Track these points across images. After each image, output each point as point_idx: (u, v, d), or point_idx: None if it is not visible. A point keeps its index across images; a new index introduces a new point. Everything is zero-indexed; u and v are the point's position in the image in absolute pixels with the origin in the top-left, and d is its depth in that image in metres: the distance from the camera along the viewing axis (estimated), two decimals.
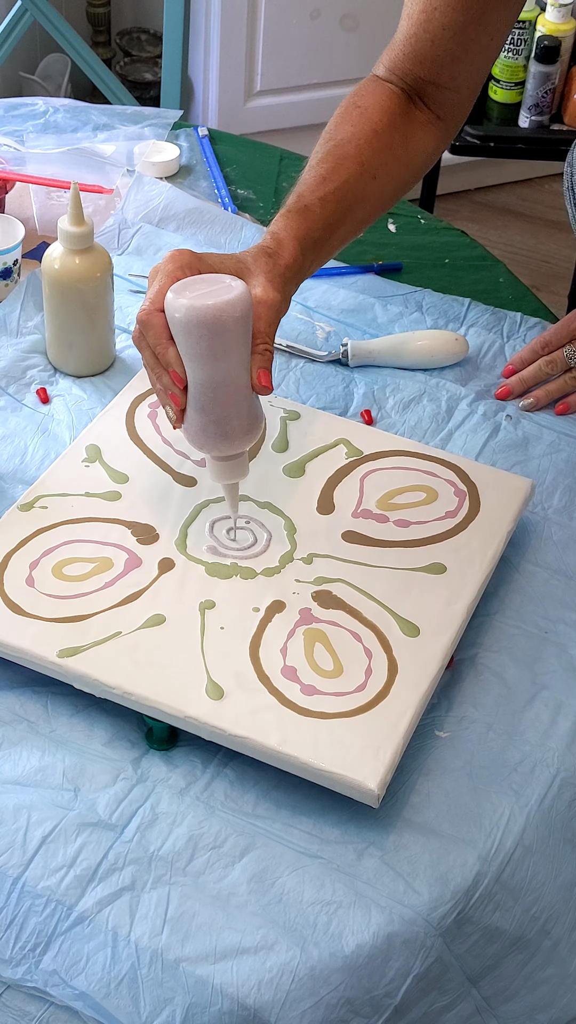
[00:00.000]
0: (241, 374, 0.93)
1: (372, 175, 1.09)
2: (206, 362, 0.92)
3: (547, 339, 1.18)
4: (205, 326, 0.91)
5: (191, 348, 0.92)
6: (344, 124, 1.10)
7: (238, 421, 0.94)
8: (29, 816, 0.85)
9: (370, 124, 1.10)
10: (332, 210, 1.05)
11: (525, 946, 0.86)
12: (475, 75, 1.13)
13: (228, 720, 0.87)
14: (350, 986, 0.80)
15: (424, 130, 1.14)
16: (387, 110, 1.11)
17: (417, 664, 0.92)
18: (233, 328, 0.91)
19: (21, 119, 1.49)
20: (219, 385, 0.93)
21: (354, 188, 1.07)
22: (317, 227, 1.04)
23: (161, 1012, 0.79)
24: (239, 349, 0.92)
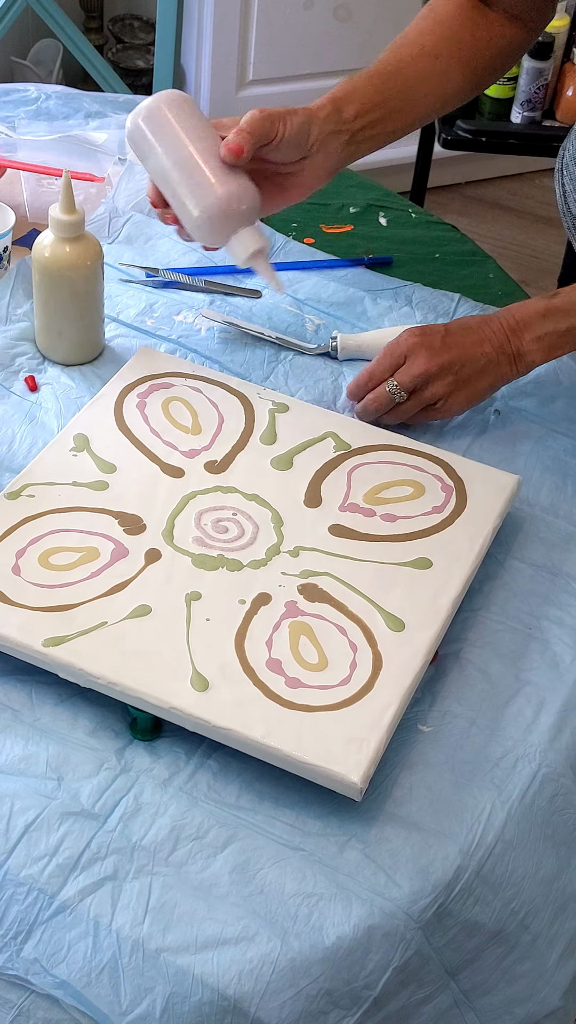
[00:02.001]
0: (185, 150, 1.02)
1: (434, 56, 1.13)
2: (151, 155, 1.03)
3: (371, 370, 1.12)
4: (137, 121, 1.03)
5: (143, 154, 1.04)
6: (412, 24, 1.16)
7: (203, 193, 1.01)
8: (12, 804, 0.85)
9: (435, 16, 1.16)
10: (381, 81, 1.11)
11: (504, 940, 0.87)
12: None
13: (212, 711, 0.87)
14: (330, 978, 0.81)
15: (500, 27, 1.18)
16: (457, 3, 1.16)
17: (401, 658, 0.92)
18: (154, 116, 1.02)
19: (12, 105, 1.48)
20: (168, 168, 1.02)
21: (411, 66, 1.12)
22: (361, 89, 1.09)
23: (141, 1001, 0.79)
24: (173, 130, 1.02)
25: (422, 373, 1.10)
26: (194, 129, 1.03)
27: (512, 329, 1.12)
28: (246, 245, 1.02)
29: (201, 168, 1.02)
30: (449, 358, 1.11)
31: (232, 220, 1.02)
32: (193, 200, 1.02)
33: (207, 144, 1.02)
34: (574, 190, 1.22)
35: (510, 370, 1.13)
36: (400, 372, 1.11)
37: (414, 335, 1.11)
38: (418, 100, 1.14)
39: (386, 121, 1.12)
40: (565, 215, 1.25)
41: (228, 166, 1.02)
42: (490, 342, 1.12)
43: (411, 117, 1.15)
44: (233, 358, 1.20)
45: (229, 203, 1.01)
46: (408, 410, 1.12)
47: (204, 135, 1.03)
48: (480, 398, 1.13)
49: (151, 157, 1.03)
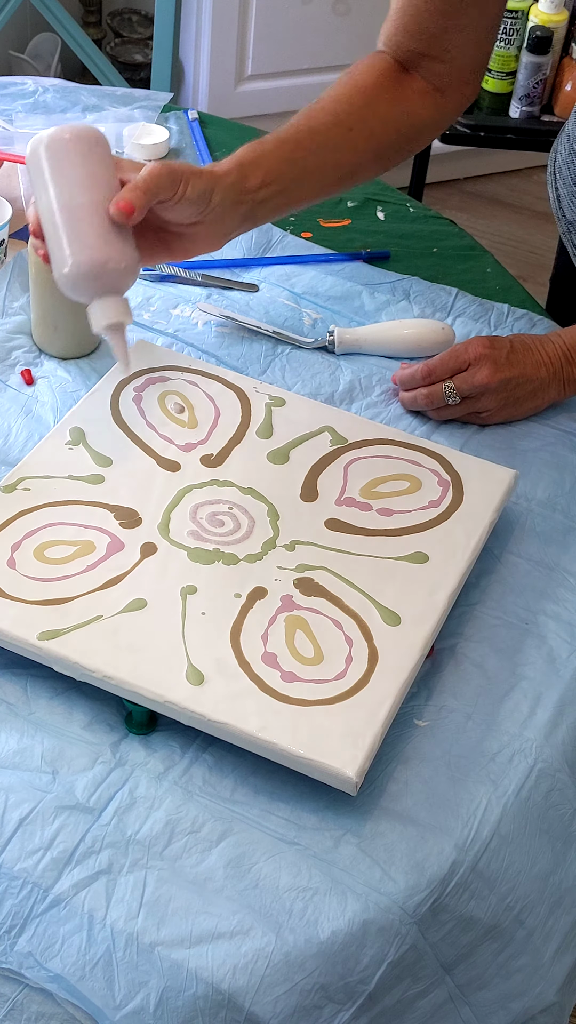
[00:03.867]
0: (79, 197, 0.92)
1: (347, 127, 1.08)
2: (43, 189, 0.93)
3: (432, 367, 1.13)
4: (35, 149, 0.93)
5: (35, 183, 0.94)
6: (331, 88, 1.11)
7: (81, 244, 0.91)
8: (6, 798, 0.85)
9: (354, 84, 1.10)
10: (290, 148, 1.04)
11: (499, 935, 0.87)
12: (470, 49, 1.12)
13: (208, 705, 0.87)
14: (324, 972, 0.81)
15: (419, 99, 1.13)
16: (376, 71, 1.11)
17: (398, 653, 0.92)
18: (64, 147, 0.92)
19: (10, 98, 1.48)
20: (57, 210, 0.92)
21: (322, 135, 1.06)
22: (268, 157, 1.02)
23: (135, 995, 0.79)
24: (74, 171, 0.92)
25: (482, 385, 1.11)
26: (92, 175, 0.93)
27: (566, 356, 1.14)
28: (106, 315, 0.92)
29: (85, 222, 0.92)
30: (510, 375, 1.12)
31: (99, 285, 0.92)
32: (66, 253, 0.92)
33: (100, 195, 0.93)
34: (568, 194, 1.21)
35: (558, 394, 1.15)
36: (460, 377, 1.12)
37: (484, 346, 1.12)
38: (324, 172, 1.08)
39: (289, 193, 1.05)
40: (560, 219, 1.25)
41: (114, 225, 0.92)
42: (547, 366, 1.13)
43: (315, 189, 1.09)
44: (230, 352, 1.20)
45: (101, 268, 0.91)
46: (453, 413, 1.14)
47: (101, 183, 0.93)
48: (521, 417, 1.15)
49: (41, 190, 0.93)
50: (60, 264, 0.92)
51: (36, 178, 0.94)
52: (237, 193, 1.01)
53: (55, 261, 0.93)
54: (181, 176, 0.95)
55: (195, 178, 0.96)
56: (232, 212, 1.01)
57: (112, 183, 0.94)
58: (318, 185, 1.09)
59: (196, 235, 1.00)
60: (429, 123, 1.15)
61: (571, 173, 1.20)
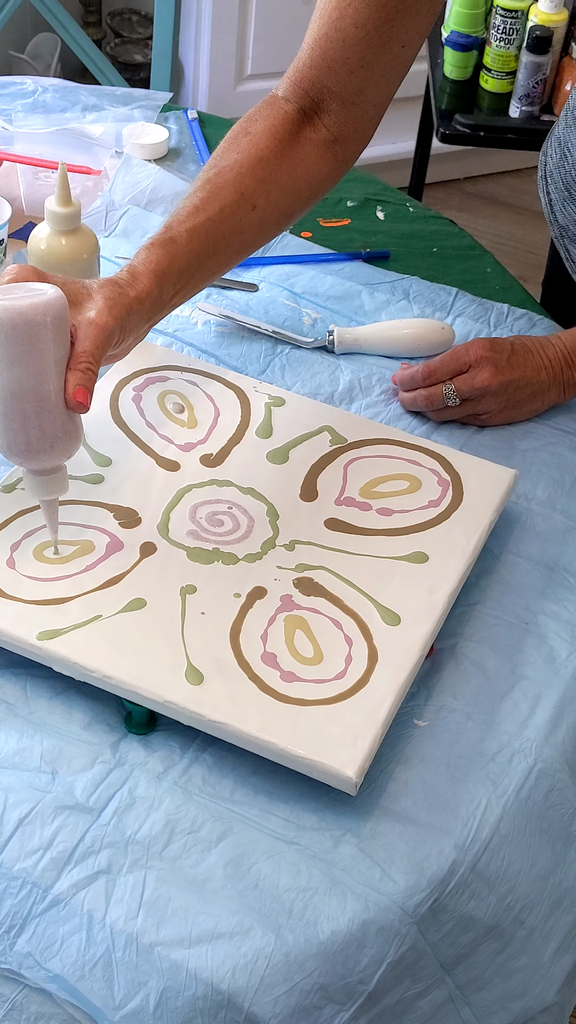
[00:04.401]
0: (44, 384, 0.88)
1: (251, 205, 1.04)
2: (6, 366, 0.88)
3: (432, 368, 1.12)
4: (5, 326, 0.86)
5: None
6: (230, 151, 1.06)
7: (40, 432, 0.89)
8: (6, 798, 0.85)
9: (255, 151, 1.05)
10: (201, 242, 1.01)
11: (499, 935, 0.87)
12: (383, 89, 1.08)
13: (207, 705, 0.87)
14: (324, 972, 0.80)
15: (318, 154, 1.09)
16: (276, 134, 1.06)
17: (397, 653, 0.92)
18: (32, 333, 0.87)
19: (10, 98, 1.48)
20: (20, 393, 0.88)
21: (229, 218, 1.03)
22: (181, 259, 0.99)
23: (135, 996, 0.79)
24: (42, 357, 0.88)
25: (483, 387, 1.11)
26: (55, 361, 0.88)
27: (567, 359, 1.14)
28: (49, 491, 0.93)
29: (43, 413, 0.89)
30: (511, 378, 1.12)
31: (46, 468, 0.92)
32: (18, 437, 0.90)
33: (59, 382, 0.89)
34: (560, 198, 1.21)
35: (558, 397, 1.15)
36: (461, 379, 1.12)
37: (485, 348, 1.12)
38: (231, 255, 1.06)
39: (197, 286, 1.03)
40: (552, 224, 1.25)
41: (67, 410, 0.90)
42: (548, 369, 1.13)
43: (217, 274, 1.05)
44: (229, 352, 1.20)
45: (54, 458, 0.91)
46: (454, 414, 1.14)
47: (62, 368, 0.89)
48: (521, 419, 1.15)
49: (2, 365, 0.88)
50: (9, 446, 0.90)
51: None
52: (156, 309, 0.98)
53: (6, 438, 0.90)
54: (118, 325, 0.92)
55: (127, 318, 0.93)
56: (148, 324, 0.98)
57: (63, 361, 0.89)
58: (220, 271, 1.06)
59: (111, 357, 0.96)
60: (327, 177, 1.11)
61: (562, 178, 1.20)
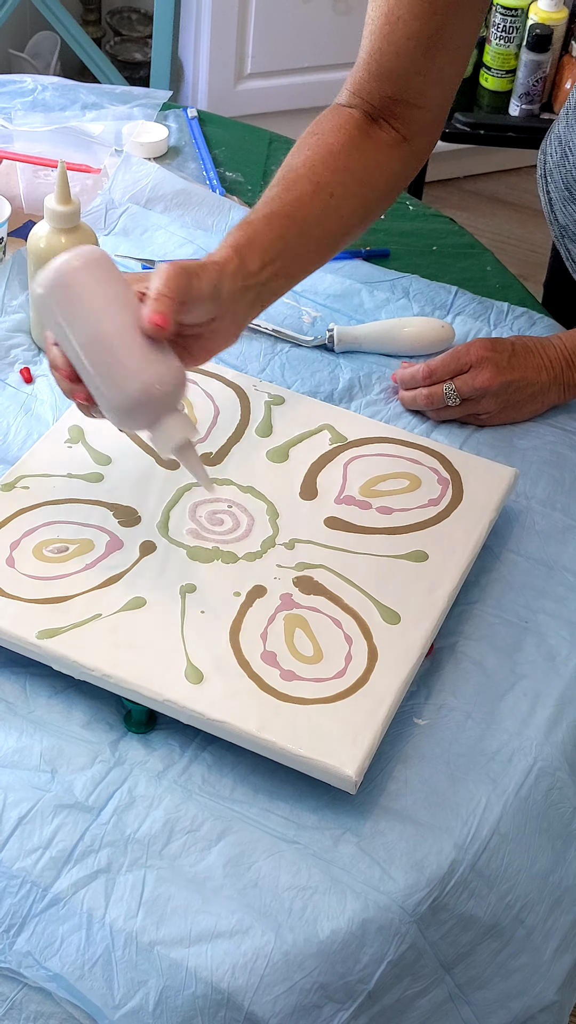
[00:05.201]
0: (104, 323, 0.86)
1: (328, 193, 1.04)
2: (69, 327, 0.86)
3: (433, 368, 1.12)
4: (48, 287, 0.86)
5: (55, 323, 0.87)
6: (300, 151, 1.06)
7: (127, 373, 0.86)
8: (5, 797, 0.85)
9: (326, 146, 1.06)
10: (281, 223, 1.00)
11: (499, 934, 0.87)
12: (443, 91, 1.09)
13: (207, 704, 0.87)
14: (324, 971, 0.80)
15: (388, 152, 1.09)
16: (344, 131, 1.07)
17: (397, 651, 0.92)
18: (77, 278, 0.86)
19: (9, 96, 1.48)
20: (88, 346, 0.86)
21: (307, 205, 1.02)
22: (261, 236, 0.98)
23: (135, 995, 0.79)
24: (94, 300, 0.86)
25: (483, 387, 1.11)
26: (113, 298, 0.87)
27: (567, 360, 1.14)
28: (172, 436, 0.89)
29: (122, 349, 0.86)
30: (511, 378, 1.12)
31: (154, 409, 0.87)
32: (114, 386, 0.87)
33: (126, 316, 0.87)
34: (560, 198, 1.21)
35: (558, 397, 1.15)
36: (461, 379, 1.12)
37: (486, 348, 1.12)
38: (317, 241, 1.04)
39: (290, 268, 1.01)
40: (552, 223, 1.25)
41: (151, 341, 0.88)
42: (548, 370, 1.13)
43: (312, 260, 1.05)
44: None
45: (153, 389, 0.87)
46: (454, 413, 1.14)
47: (122, 302, 0.87)
48: (521, 420, 1.15)
49: (64, 328, 0.87)
50: (110, 399, 0.87)
51: (55, 317, 0.87)
52: (242, 279, 0.96)
53: (102, 397, 0.88)
54: (194, 273, 0.91)
55: (204, 272, 0.92)
56: (241, 300, 0.96)
57: (132, 299, 0.88)
58: (313, 256, 1.05)
59: (213, 332, 0.95)
60: (400, 174, 1.11)
61: (563, 176, 1.19)
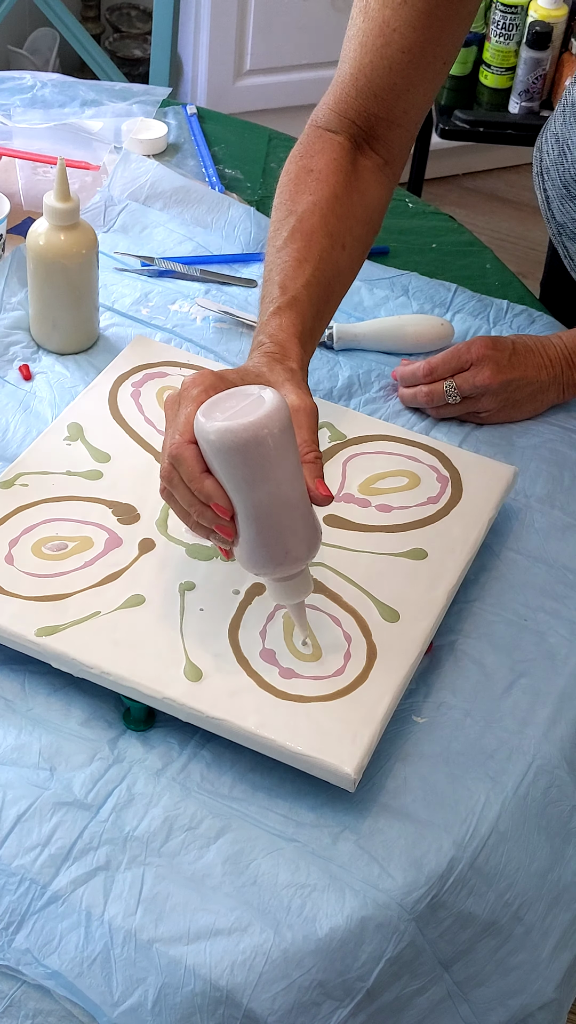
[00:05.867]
0: (293, 489, 0.85)
1: (341, 245, 1.04)
2: (256, 485, 0.83)
3: (433, 365, 1.12)
4: (246, 448, 0.81)
5: (235, 473, 0.83)
6: (302, 194, 1.05)
7: (297, 538, 0.86)
8: (4, 794, 0.85)
9: (329, 189, 1.05)
10: (316, 293, 1.00)
11: (498, 932, 0.87)
12: (423, 106, 1.09)
13: (206, 702, 0.87)
14: (323, 969, 0.80)
15: (375, 180, 1.08)
16: (340, 168, 1.06)
17: (396, 649, 0.92)
18: (276, 443, 0.82)
19: (8, 93, 1.47)
20: (273, 505, 0.84)
21: (328, 263, 1.02)
22: (309, 317, 0.99)
23: (133, 992, 0.79)
24: (287, 463, 0.83)
25: (484, 385, 1.11)
26: (295, 463, 0.85)
27: (567, 359, 1.14)
28: (299, 591, 0.89)
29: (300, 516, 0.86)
30: (512, 377, 1.12)
31: (299, 569, 0.88)
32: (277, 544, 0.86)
33: (303, 484, 0.86)
34: (557, 195, 1.21)
35: (558, 397, 1.15)
36: (462, 377, 1.12)
37: (487, 346, 1.12)
38: (336, 299, 1.05)
39: (317, 338, 1.02)
40: (549, 221, 1.25)
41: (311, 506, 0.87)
42: (548, 369, 1.13)
43: (329, 320, 1.05)
44: (228, 347, 1.19)
45: (312, 555, 0.87)
46: (453, 411, 1.14)
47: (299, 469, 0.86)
48: (521, 419, 1.15)
49: (240, 484, 0.84)
50: (268, 555, 0.86)
51: (237, 471, 0.83)
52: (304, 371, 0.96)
53: (259, 549, 0.86)
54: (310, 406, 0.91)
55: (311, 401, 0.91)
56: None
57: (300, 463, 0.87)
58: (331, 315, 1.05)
59: None
60: (385, 201, 1.11)
61: (560, 174, 1.19)
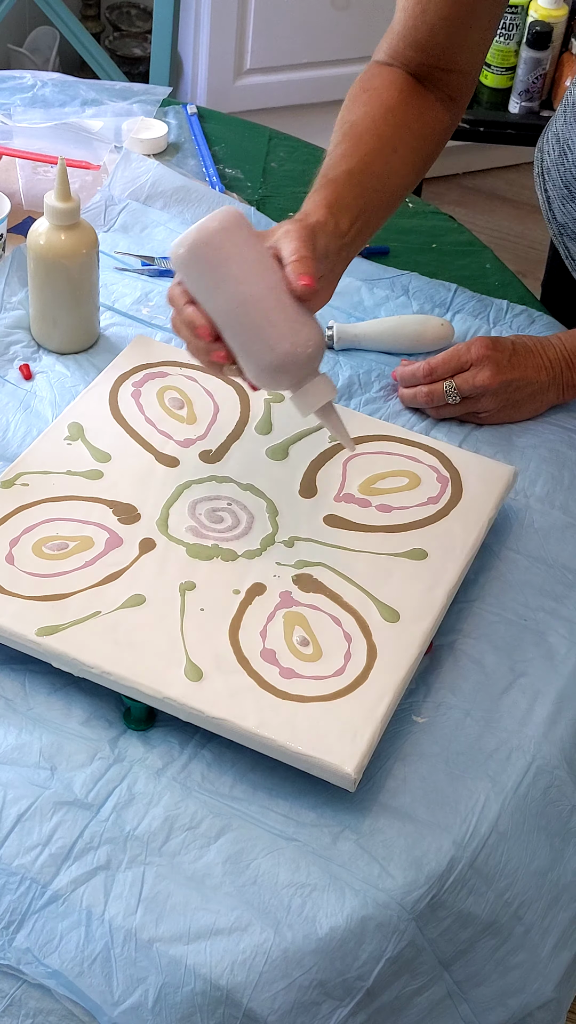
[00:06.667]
0: (257, 285, 0.88)
1: (392, 147, 1.08)
2: (217, 288, 0.88)
3: (433, 366, 1.13)
4: (193, 253, 0.88)
5: (196, 285, 0.89)
6: (356, 106, 1.11)
7: (277, 330, 0.88)
8: (5, 794, 0.85)
9: (382, 102, 1.10)
10: (360, 180, 1.04)
11: (498, 931, 0.87)
12: (476, 56, 1.15)
13: (206, 702, 0.87)
14: (323, 968, 0.81)
15: (435, 106, 1.14)
16: (398, 87, 1.12)
17: (396, 649, 0.92)
18: (225, 240, 0.88)
19: (9, 92, 1.47)
20: (239, 304, 0.88)
21: (377, 160, 1.07)
22: (347, 194, 1.02)
23: (134, 991, 0.79)
24: (243, 261, 0.88)
25: (483, 386, 1.11)
26: (256, 257, 0.89)
27: (567, 360, 1.14)
28: (317, 398, 0.91)
29: (272, 310, 0.88)
30: (511, 377, 1.12)
31: (304, 367, 0.90)
32: (265, 346, 0.89)
33: (273, 276, 0.89)
34: (558, 196, 1.21)
35: (557, 398, 1.15)
36: (462, 378, 1.12)
37: (486, 347, 1.12)
38: (387, 197, 1.09)
39: (370, 224, 1.05)
40: (550, 222, 1.25)
41: (296, 302, 0.90)
42: (548, 370, 1.13)
43: (383, 215, 1.09)
44: None
45: (304, 349, 0.89)
46: (453, 412, 1.14)
47: (267, 263, 0.90)
48: (521, 419, 1.15)
49: (210, 289, 0.89)
50: (260, 359, 0.89)
51: (200, 278, 0.89)
52: (337, 239, 0.99)
53: (250, 357, 0.90)
54: (315, 233, 0.95)
55: (313, 237, 0.95)
56: (336, 259, 1.00)
57: (271, 259, 0.91)
58: (384, 211, 1.09)
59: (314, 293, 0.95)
60: (449, 127, 1.17)
61: (561, 175, 1.19)
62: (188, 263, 0.90)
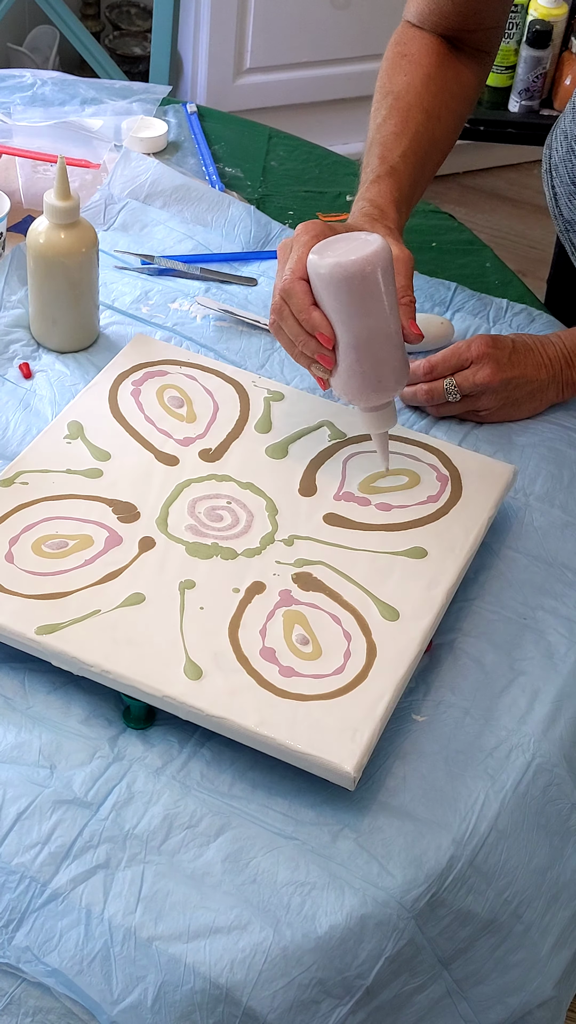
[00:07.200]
0: (390, 324, 0.96)
1: (437, 117, 1.15)
2: (359, 316, 0.95)
3: (433, 364, 1.14)
4: (354, 280, 0.94)
5: (342, 305, 0.95)
6: (397, 74, 1.16)
7: (389, 368, 0.98)
8: (4, 792, 0.85)
9: (422, 69, 1.16)
10: (414, 163, 1.12)
11: (497, 930, 0.87)
12: (500, 12, 1.21)
13: (206, 700, 0.87)
14: (322, 967, 0.81)
15: (468, 65, 1.21)
16: (434, 51, 1.18)
17: (396, 648, 0.92)
18: (380, 279, 0.94)
19: (8, 91, 1.47)
20: (372, 337, 0.96)
21: (425, 136, 1.13)
22: (406, 184, 1.10)
23: (133, 990, 0.79)
24: (386, 300, 0.95)
25: (484, 384, 1.11)
26: (394, 299, 0.98)
27: (567, 359, 1.15)
28: (385, 423, 1.01)
29: (398, 348, 0.98)
30: (511, 375, 1.12)
31: (388, 399, 1.00)
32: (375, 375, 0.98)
33: (398, 321, 0.98)
34: (565, 192, 1.21)
35: (557, 396, 1.16)
36: (462, 375, 1.12)
37: (487, 345, 1.12)
38: (432, 167, 1.17)
39: (414, 202, 1.14)
40: (557, 218, 1.25)
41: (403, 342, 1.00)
42: (548, 368, 1.14)
43: (426, 186, 1.17)
44: (228, 346, 1.20)
45: (401, 388, 1.00)
46: (453, 410, 1.14)
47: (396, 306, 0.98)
48: (520, 417, 1.15)
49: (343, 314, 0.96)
50: (363, 382, 0.98)
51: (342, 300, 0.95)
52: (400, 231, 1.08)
53: (353, 376, 0.98)
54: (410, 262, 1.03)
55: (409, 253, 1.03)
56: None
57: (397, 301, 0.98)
58: (428, 181, 1.17)
59: None
60: (480, 84, 1.23)
61: (568, 171, 1.20)
62: (339, 285, 0.95)
